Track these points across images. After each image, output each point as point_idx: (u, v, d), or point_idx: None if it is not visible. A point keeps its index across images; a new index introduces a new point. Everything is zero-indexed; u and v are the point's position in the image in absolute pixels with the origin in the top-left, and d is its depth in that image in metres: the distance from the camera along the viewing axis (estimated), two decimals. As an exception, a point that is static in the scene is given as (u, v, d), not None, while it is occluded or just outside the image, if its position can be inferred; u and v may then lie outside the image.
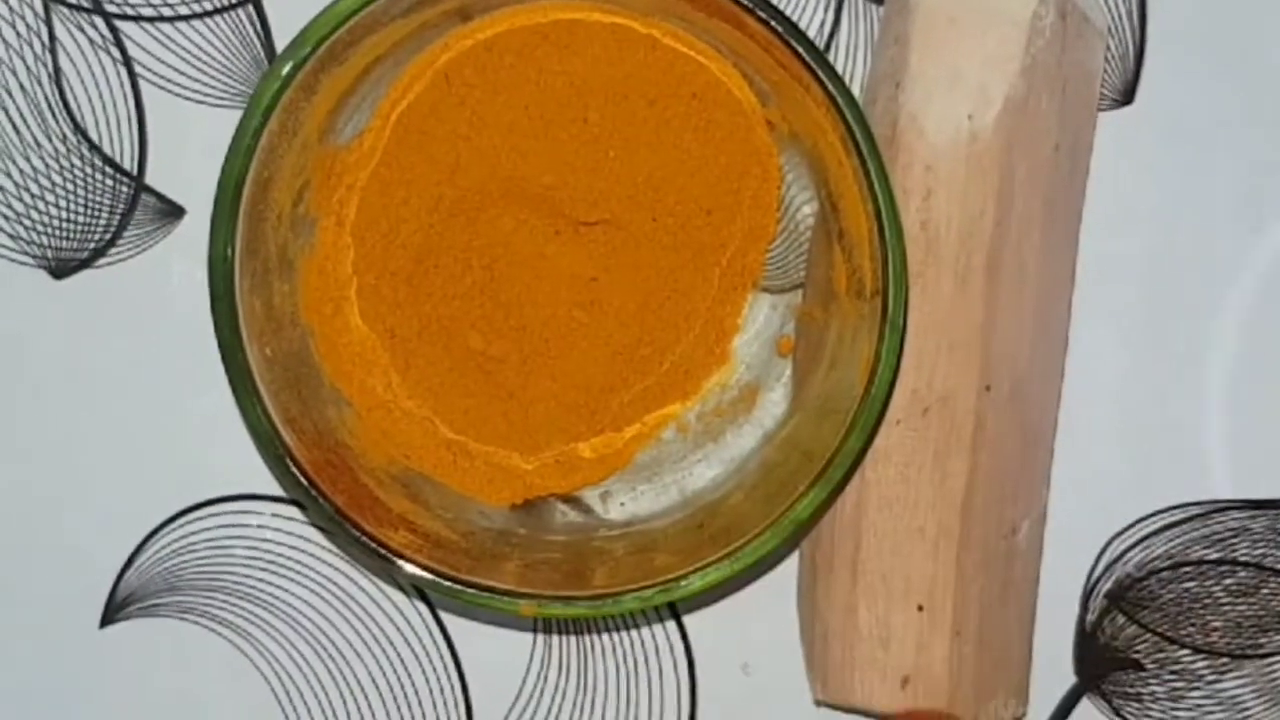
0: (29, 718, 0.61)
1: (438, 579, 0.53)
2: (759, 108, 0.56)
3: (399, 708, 0.61)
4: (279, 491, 0.60)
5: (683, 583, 0.53)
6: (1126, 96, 0.61)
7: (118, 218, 0.61)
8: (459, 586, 0.53)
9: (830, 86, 0.52)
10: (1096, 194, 0.59)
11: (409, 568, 0.53)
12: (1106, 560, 0.61)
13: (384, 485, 0.56)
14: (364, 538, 0.53)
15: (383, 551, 0.53)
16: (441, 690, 0.61)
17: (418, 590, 0.61)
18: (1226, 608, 0.61)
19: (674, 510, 0.58)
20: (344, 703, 0.61)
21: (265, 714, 0.61)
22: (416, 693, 0.61)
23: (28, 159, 0.61)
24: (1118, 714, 0.61)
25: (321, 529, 0.60)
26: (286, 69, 0.51)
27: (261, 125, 0.51)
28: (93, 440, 0.61)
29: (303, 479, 0.52)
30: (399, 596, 0.61)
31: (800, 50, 0.51)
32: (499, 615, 0.60)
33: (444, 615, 0.61)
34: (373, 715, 0.61)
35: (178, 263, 0.60)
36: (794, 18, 0.59)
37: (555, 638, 0.61)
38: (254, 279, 0.53)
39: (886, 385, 0.53)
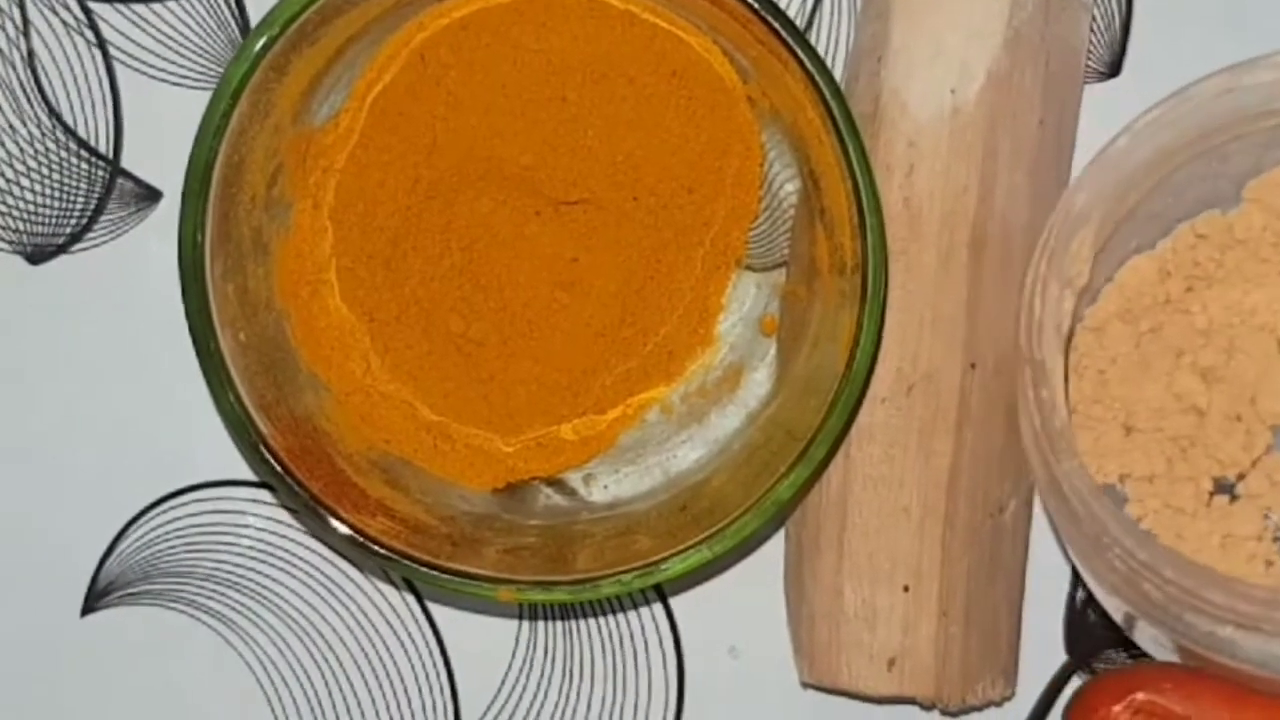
0: (12, 706, 0.61)
1: (415, 565, 0.53)
2: (740, 84, 0.56)
3: (384, 692, 0.61)
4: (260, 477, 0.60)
5: (662, 566, 0.53)
6: (1113, 69, 0.60)
7: (94, 202, 0.60)
8: (437, 573, 0.53)
9: (807, 63, 0.51)
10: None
11: (386, 555, 0.53)
12: (1096, 539, 0.61)
13: (362, 471, 0.55)
14: (340, 525, 0.52)
15: (359, 539, 0.52)
16: (427, 675, 0.61)
17: (403, 576, 0.60)
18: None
19: (657, 492, 0.58)
20: (329, 689, 0.61)
21: (250, 700, 0.61)
22: (402, 677, 0.61)
23: (2, 144, 0.60)
24: (1109, 693, 0.61)
25: (298, 514, 0.60)
26: (255, 50, 0.51)
27: (231, 107, 0.51)
28: (71, 427, 0.60)
29: (277, 466, 0.52)
30: (383, 582, 0.61)
31: (777, 26, 0.51)
32: (479, 601, 0.59)
33: (429, 600, 0.61)
34: (358, 701, 0.61)
35: (155, 246, 0.60)
36: (776, -8, 0.59)
37: (541, 623, 0.60)
38: (227, 263, 0.53)
39: (867, 363, 0.52)
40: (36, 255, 0.60)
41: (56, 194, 0.60)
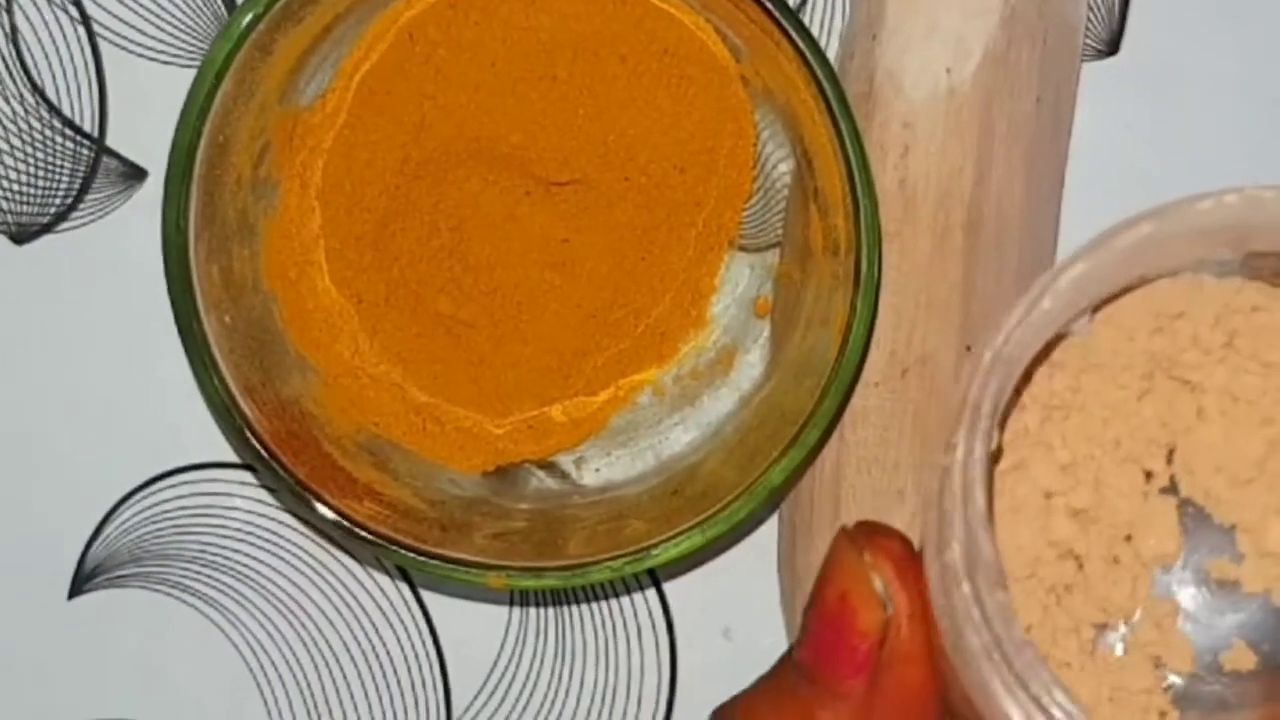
0: (-2, 690, 0.61)
1: (404, 551, 0.52)
2: (733, 63, 0.55)
3: (374, 676, 0.60)
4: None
5: (654, 552, 0.52)
6: (1111, 46, 0.60)
7: (79, 181, 0.60)
8: (426, 559, 0.52)
9: (800, 43, 0.50)
10: (1080, 149, 0.58)
11: (374, 540, 0.52)
12: (1092, 522, 0.60)
13: (350, 454, 0.55)
14: (326, 509, 0.52)
15: (346, 524, 0.52)
16: (417, 658, 0.60)
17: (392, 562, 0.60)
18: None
19: (649, 475, 0.57)
20: (318, 672, 0.60)
21: (238, 684, 0.60)
22: (392, 661, 0.60)
23: (-15, 122, 0.60)
24: (1105, 678, 0.60)
25: (282, 497, 0.59)
26: (240, 27, 0.50)
27: (215, 87, 0.50)
28: (56, 409, 0.60)
29: (263, 450, 0.51)
30: (373, 567, 0.60)
31: (769, 5, 0.50)
32: (469, 587, 0.59)
33: (419, 585, 0.60)
34: (347, 683, 0.60)
35: (141, 226, 0.59)
36: (769, -31, 0.58)
37: (532, 608, 0.60)
38: (212, 244, 0.52)
39: (861, 346, 0.52)
40: (21, 235, 0.60)
41: (41, 173, 0.60)
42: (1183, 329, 0.46)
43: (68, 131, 0.59)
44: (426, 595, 0.60)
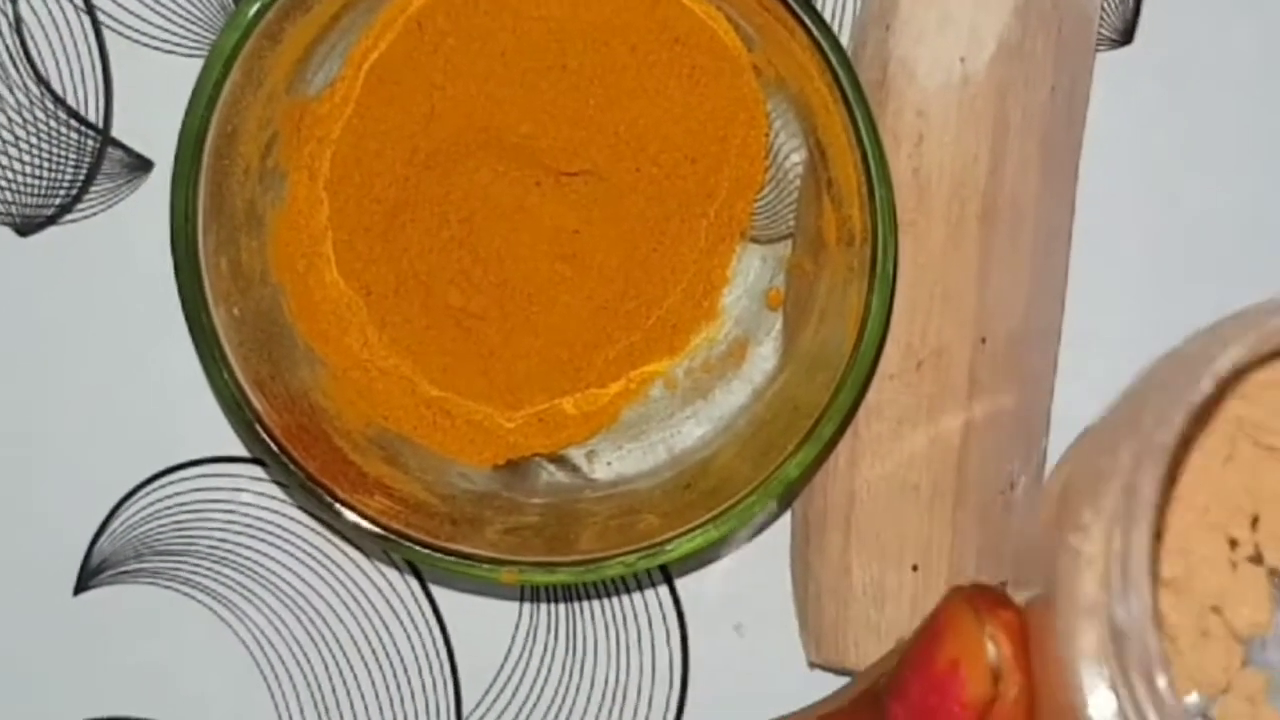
0: (5, 685, 0.60)
1: (414, 546, 0.52)
2: (744, 52, 0.55)
3: (383, 671, 0.60)
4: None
5: (667, 547, 0.52)
6: (1125, 36, 0.59)
7: (84, 172, 0.59)
8: (437, 554, 0.52)
9: (814, 30, 0.50)
10: (1095, 139, 0.57)
11: (385, 535, 0.52)
12: (1108, 515, 0.60)
13: (360, 449, 0.54)
14: (337, 504, 0.51)
15: (357, 519, 0.51)
16: (427, 654, 0.60)
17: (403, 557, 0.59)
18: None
19: (662, 470, 0.57)
20: (326, 666, 0.60)
21: (246, 680, 0.60)
22: (401, 656, 0.60)
23: (-11, 113, 0.59)
24: (1120, 673, 0.60)
25: (292, 492, 0.59)
26: (248, 16, 0.50)
27: (223, 76, 0.49)
28: (62, 403, 0.59)
29: (273, 444, 0.51)
30: (383, 561, 0.60)
31: (782, -8, 0.50)
32: (481, 583, 0.59)
33: (429, 579, 0.60)
34: (355, 679, 0.60)
35: (147, 218, 0.59)
36: (781, -42, 0.58)
37: (543, 604, 0.60)
38: (220, 236, 0.52)
39: (877, 338, 0.51)
40: (26, 227, 0.59)
41: (46, 164, 0.59)
42: (1271, 398, 0.46)
43: (73, 122, 0.59)
44: (436, 590, 0.60)
